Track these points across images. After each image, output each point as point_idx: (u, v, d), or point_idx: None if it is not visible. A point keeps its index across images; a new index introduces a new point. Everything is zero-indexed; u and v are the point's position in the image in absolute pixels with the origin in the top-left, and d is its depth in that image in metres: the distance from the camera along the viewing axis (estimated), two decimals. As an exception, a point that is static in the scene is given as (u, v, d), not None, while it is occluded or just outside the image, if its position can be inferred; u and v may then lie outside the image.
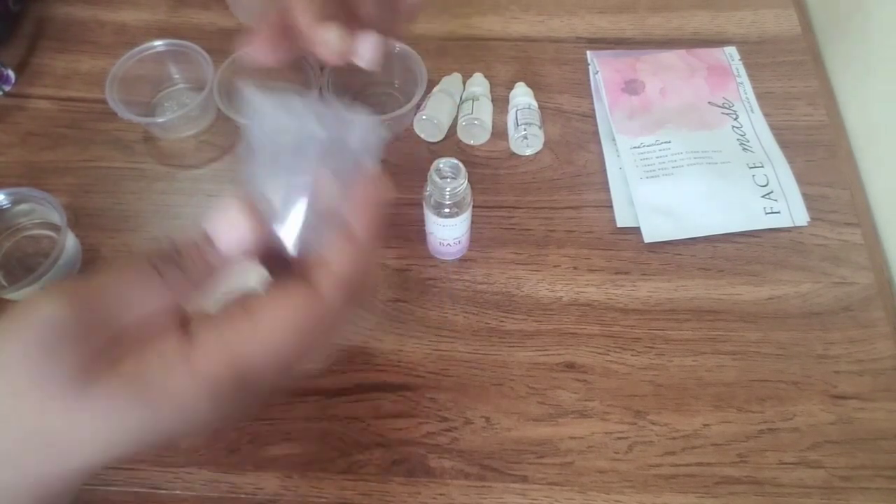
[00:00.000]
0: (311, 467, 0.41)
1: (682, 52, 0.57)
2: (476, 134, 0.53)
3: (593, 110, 0.55)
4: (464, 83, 0.55)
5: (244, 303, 0.26)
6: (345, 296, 0.26)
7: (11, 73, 0.55)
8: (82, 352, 0.23)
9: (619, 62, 0.56)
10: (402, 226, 0.49)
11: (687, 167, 0.50)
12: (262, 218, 0.25)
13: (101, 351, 0.24)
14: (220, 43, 0.53)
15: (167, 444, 0.26)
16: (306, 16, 0.31)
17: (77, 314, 0.24)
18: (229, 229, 0.25)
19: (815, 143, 0.52)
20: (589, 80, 0.56)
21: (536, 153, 0.52)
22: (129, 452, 0.25)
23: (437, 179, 0.39)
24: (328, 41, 0.30)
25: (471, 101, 0.52)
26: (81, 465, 0.24)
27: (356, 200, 0.26)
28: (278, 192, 0.26)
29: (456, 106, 0.53)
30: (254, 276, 0.27)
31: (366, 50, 0.27)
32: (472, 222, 0.45)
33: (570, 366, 0.44)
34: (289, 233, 0.26)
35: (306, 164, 0.25)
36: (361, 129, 0.25)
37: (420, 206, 0.43)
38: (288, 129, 0.25)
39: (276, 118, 0.25)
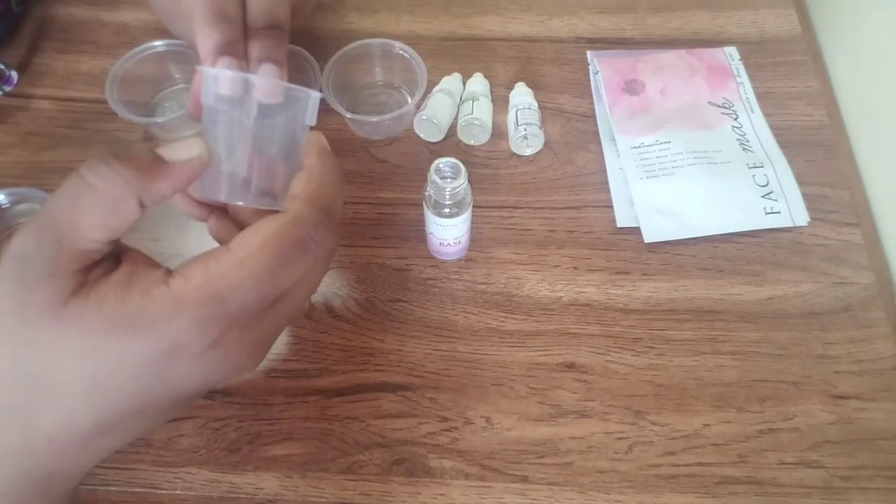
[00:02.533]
0: (311, 467, 0.41)
1: (682, 52, 0.57)
2: (476, 134, 0.53)
3: (593, 110, 0.55)
4: (464, 83, 0.55)
5: (224, 244, 0.27)
6: (315, 212, 0.27)
7: (14, 74, 0.55)
8: (54, 275, 0.24)
9: (619, 62, 0.56)
10: (402, 226, 0.49)
11: (687, 167, 0.50)
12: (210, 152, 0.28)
13: (74, 274, 0.24)
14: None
15: (164, 389, 0.25)
16: (204, 47, 0.32)
17: (38, 243, 0.24)
18: (182, 149, 0.27)
19: (815, 143, 0.52)
20: (589, 80, 0.56)
21: (536, 153, 0.52)
22: (118, 401, 0.24)
23: (437, 179, 0.39)
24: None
25: (471, 101, 0.52)
26: (68, 415, 0.24)
27: (309, 143, 0.30)
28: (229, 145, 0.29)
29: (456, 106, 0.53)
30: None
31: (262, 84, 0.29)
32: (472, 222, 0.45)
33: (571, 366, 0.44)
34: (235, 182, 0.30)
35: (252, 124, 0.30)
36: (300, 97, 0.29)
37: (420, 206, 0.43)
38: (238, 99, 0.29)
39: (229, 90, 0.29)
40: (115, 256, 0.27)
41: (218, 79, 0.29)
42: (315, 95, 0.29)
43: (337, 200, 0.30)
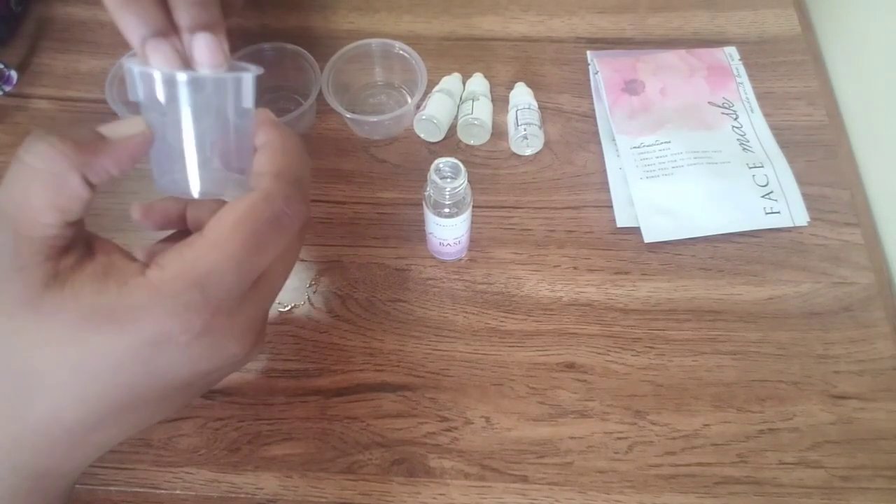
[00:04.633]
0: (311, 467, 0.41)
1: (682, 52, 0.57)
2: (476, 134, 0.53)
3: (593, 110, 0.55)
4: (464, 83, 0.55)
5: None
6: (285, 186, 0.27)
7: (14, 74, 0.55)
8: (21, 268, 0.23)
9: (619, 62, 0.56)
10: (402, 226, 0.49)
11: (687, 167, 0.50)
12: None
13: (42, 264, 0.23)
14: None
15: (151, 380, 0.25)
16: (127, 35, 0.30)
17: None
18: (124, 127, 0.26)
19: (815, 143, 0.52)
20: (589, 80, 0.56)
21: (536, 153, 0.52)
22: (104, 392, 0.24)
23: (437, 179, 0.39)
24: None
25: (471, 101, 0.52)
26: (54, 408, 0.23)
27: (258, 122, 0.28)
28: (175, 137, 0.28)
29: (456, 106, 0.53)
30: None
31: (201, 55, 0.27)
32: (472, 222, 0.45)
33: (570, 366, 0.44)
34: (192, 166, 0.28)
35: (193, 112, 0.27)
36: (236, 80, 0.27)
37: (420, 206, 0.43)
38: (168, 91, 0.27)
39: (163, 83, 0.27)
40: (85, 245, 0.26)
41: (143, 74, 0.27)
42: (248, 76, 0.27)
43: (304, 170, 0.28)
